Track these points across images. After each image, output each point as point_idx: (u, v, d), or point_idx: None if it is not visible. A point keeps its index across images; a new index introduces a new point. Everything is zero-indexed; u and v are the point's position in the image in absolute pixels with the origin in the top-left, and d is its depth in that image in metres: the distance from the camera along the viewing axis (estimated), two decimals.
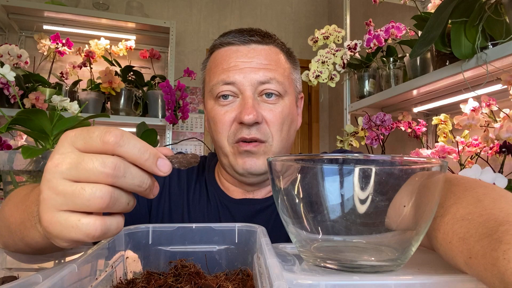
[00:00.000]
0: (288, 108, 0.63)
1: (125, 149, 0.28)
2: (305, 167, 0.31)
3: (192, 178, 0.70)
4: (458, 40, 0.94)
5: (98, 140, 0.28)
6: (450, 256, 0.30)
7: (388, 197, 0.29)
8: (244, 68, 0.60)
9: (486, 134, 1.09)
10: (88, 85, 2.03)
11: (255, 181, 0.64)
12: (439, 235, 0.32)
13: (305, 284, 0.27)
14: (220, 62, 0.63)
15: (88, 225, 0.28)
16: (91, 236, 0.28)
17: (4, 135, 1.17)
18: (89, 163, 0.28)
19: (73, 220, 0.28)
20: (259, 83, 0.60)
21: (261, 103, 0.61)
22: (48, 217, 0.29)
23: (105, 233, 0.29)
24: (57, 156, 0.29)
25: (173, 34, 2.23)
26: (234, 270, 0.42)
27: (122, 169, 0.28)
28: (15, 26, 2.25)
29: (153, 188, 0.32)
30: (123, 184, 0.29)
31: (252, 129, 0.59)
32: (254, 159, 0.60)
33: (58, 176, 0.28)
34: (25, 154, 0.59)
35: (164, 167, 0.30)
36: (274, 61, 0.63)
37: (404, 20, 1.67)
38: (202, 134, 2.72)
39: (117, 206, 0.29)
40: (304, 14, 3.05)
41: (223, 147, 0.62)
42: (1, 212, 0.45)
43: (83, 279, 0.32)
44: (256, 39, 0.62)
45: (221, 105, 0.62)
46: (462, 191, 0.35)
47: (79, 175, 0.28)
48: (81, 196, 0.27)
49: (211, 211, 0.67)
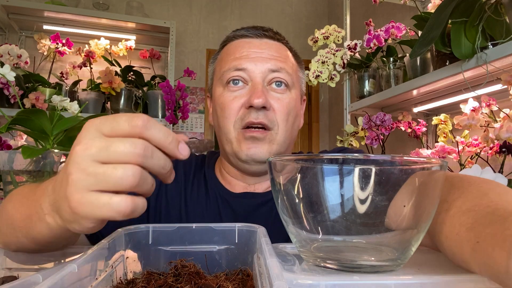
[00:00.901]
0: (294, 101, 0.65)
1: (151, 132, 0.30)
2: (305, 167, 0.31)
3: (190, 175, 0.71)
4: (458, 40, 0.94)
5: (126, 124, 0.30)
6: (456, 249, 0.30)
7: (388, 197, 0.29)
8: (255, 57, 0.63)
9: (486, 134, 1.09)
10: (88, 85, 2.03)
11: (257, 170, 0.64)
12: (445, 229, 0.32)
13: (305, 284, 0.27)
14: (232, 52, 0.65)
15: (120, 202, 0.29)
16: (122, 213, 0.30)
17: (4, 135, 1.17)
18: (120, 145, 0.29)
19: (105, 199, 0.29)
20: (269, 71, 0.62)
21: (270, 91, 0.63)
22: (78, 197, 0.30)
23: (134, 210, 0.30)
24: (85, 141, 0.30)
25: (173, 34, 2.23)
26: (234, 270, 0.42)
27: (150, 150, 0.30)
28: (15, 26, 2.25)
29: (172, 172, 0.34)
30: (150, 164, 0.30)
31: (260, 113, 0.60)
32: (258, 145, 0.61)
33: (88, 158, 0.29)
34: (25, 154, 0.59)
35: (184, 151, 0.33)
36: (284, 55, 0.66)
37: (404, 20, 1.67)
38: (202, 134, 2.72)
39: (145, 186, 0.31)
40: (304, 14, 3.05)
41: (228, 133, 0.62)
42: (3, 211, 0.45)
43: (83, 279, 0.32)
44: (269, 35, 0.66)
45: (230, 91, 0.63)
46: (466, 186, 0.35)
47: (109, 157, 0.29)
48: (113, 175, 0.29)
49: (210, 206, 0.67)
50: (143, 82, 2.08)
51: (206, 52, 2.78)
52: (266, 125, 0.61)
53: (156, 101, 2.06)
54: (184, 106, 1.94)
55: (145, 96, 2.08)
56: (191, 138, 0.99)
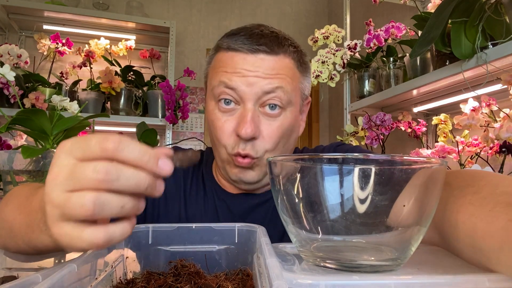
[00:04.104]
0: (289, 121, 0.61)
1: (124, 153, 0.28)
2: (305, 167, 0.31)
3: (188, 172, 0.70)
4: (458, 40, 0.94)
5: (97, 147, 0.28)
6: (479, 229, 0.30)
7: (388, 196, 0.29)
8: (248, 77, 0.57)
9: (486, 134, 1.09)
10: (88, 85, 2.03)
11: (249, 188, 0.65)
12: (460, 215, 0.33)
13: (305, 284, 0.27)
14: (224, 64, 0.60)
15: (91, 235, 0.28)
16: (95, 246, 0.28)
17: (4, 135, 1.17)
18: (82, 171, 0.28)
19: (77, 232, 0.28)
20: (263, 93, 0.58)
21: (261, 116, 0.59)
22: (55, 229, 0.29)
23: (109, 241, 0.29)
24: (55, 168, 0.29)
25: (173, 34, 2.23)
26: (234, 270, 0.42)
27: (114, 172, 0.28)
28: (15, 26, 2.25)
29: (156, 187, 0.31)
30: (118, 187, 0.28)
31: (248, 144, 0.58)
32: (247, 171, 0.61)
33: (56, 188, 0.28)
34: (25, 154, 0.59)
35: (165, 167, 0.30)
36: (282, 70, 0.59)
37: (404, 20, 1.67)
38: (202, 134, 2.72)
39: (106, 211, 0.28)
40: (304, 14, 3.05)
41: (220, 154, 0.62)
42: (1, 213, 0.44)
43: (83, 279, 0.32)
44: (264, 49, 0.58)
45: (221, 111, 0.60)
46: (478, 179, 0.36)
47: (74, 185, 0.28)
48: (68, 205, 0.27)
49: (208, 206, 0.67)
50: (143, 82, 2.08)
51: (206, 52, 2.78)
52: (252, 156, 0.59)
53: (156, 101, 2.06)
54: (184, 106, 1.94)
55: (145, 96, 2.08)
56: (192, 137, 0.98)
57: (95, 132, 1.21)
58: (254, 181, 0.62)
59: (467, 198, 0.34)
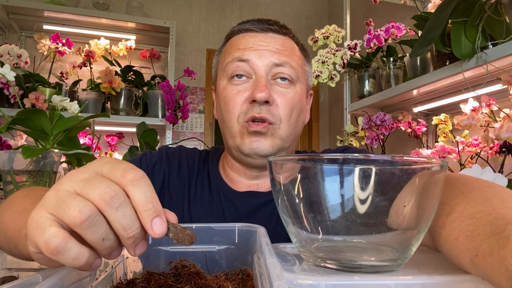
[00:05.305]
0: (299, 96, 0.64)
1: (135, 189, 0.28)
2: (305, 167, 0.31)
3: (193, 172, 0.70)
4: (458, 40, 0.94)
5: (120, 171, 0.29)
6: (455, 254, 0.30)
7: (388, 197, 0.29)
8: (260, 50, 0.62)
9: (486, 134, 1.09)
10: (88, 85, 2.03)
11: (260, 163, 0.64)
12: (444, 233, 0.32)
13: (305, 284, 0.27)
14: (237, 43, 0.64)
15: (53, 234, 0.26)
16: (46, 248, 0.26)
17: (4, 135, 1.17)
18: (96, 182, 0.28)
19: (47, 223, 0.27)
20: (273, 65, 0.62)
21: (273, 86, 0.62)
22: (34, 213, 0.28)
23: (59, 250, 0.26)
24: (82, 169, 0.30)
25: (173, 34, 2.23)
26: (234, 270, 0.42)
27: (118, 202, 0.27)
28: (15, 26, 2.25)
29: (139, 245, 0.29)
30: (111, 216, 0.27)
31: (263, 108, 0.60)
32: (261, 140, 0.61)
33: (69, 182, 0.28)
34: (25, 154, 0.59)
35: (157, 227, 0.28)
36: (289, 49, 0.65)
37: (404, 20, 1.67)
38: (202, 134, 2.72)
39: (90, 232, 0.27)
40: (304, 14, 3.05)
41: (231, 127, 0.62)
42: (1, 217, 0.44)
43: (83, 279, 0.32)
44: (274, 28, 0.65)
45: (233, 85, 0.63)
46: (470, 190, 0.34)
47: (82, 189, 0.28)
48: (67, 202, 0.27)
49: (213, 205, 0.67)
50: (143, 82, 2.08)
51: (206, 52, 2.78)
52: (268, 120, 0.60)
53: (156, 101, 2.06)
54: (184, 106, 1.94)
55: (145, 96, 2.08)
56: (192, 137, 0.98)
57: (95, 132, 1.21)
58: (268, 152, 0.61)
59: (441, 219, 0.33)
